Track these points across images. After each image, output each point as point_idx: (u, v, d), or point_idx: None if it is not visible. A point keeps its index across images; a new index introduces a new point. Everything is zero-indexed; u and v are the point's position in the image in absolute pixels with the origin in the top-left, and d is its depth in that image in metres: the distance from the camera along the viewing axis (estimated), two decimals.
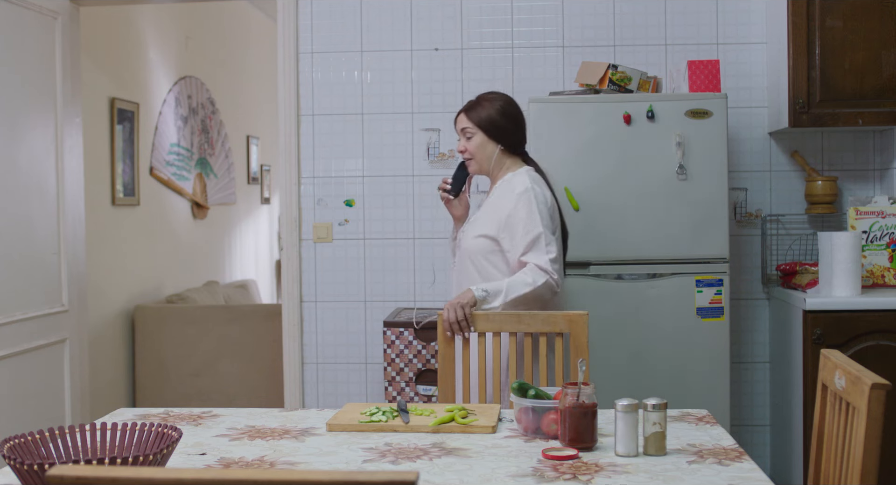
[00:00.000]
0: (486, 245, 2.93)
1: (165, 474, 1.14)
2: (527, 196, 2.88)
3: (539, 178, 2.99)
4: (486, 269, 2.94)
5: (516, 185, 2.92)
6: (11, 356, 3.69)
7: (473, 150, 2.99)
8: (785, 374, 3.87)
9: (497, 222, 2.91)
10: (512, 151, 3.02)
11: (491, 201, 2.99)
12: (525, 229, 2.85)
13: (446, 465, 1.96)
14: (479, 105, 3.00)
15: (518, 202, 2.87)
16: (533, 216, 2.85)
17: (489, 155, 2.99)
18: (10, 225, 3.70)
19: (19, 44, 3.80)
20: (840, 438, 1.92)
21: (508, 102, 3.01)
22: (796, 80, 3.76)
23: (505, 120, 2.98)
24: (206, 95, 6.73)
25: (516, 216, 2.87)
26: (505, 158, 3.01)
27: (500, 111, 2.97)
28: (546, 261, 2.83)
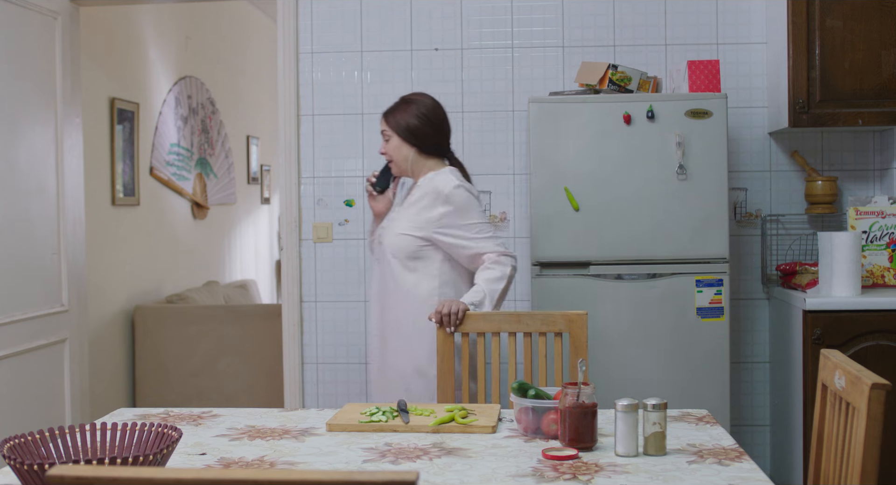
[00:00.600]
0: (410, 243, 2.98)
1: (165, 474, 1.14)
2: (458, 192, 2.95)
3: (461, 177, 3.04)
4: (409, 265, 2.99)
5: (440, 184, 2.97)
6: (11, 356, 3.69)
7: (391, 152, 3.06)
8: (785, 374, 3.87)
9: (424, 222, 2.97)
10: (431, 153, 3.05)
11: (412, 201, 3.03)
12: (469, 223, 2.95)
13: (446, 465, 1.96)
14: (397, 109, 3.06)
15: (451, 199, 2.94)
16: (472, 209, 2.95)
17: (405, 157, 3.05)
18: (10, 225, 3.70)
19: (19, 44, 3.80)
20: (840, 438, 1.92)
21: (427, 106, 3.05)
22: (796, 80, 3.76)
23: (422, 124, 3.02)
24: (206, 95, 6.73)
25: (456, 213, 2.94)
26: (425, 160, 3.06)
27: (417, 115, 3.02)
28: (500, 245, 2.96)
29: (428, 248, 2.97)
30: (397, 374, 3.01)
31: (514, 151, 4.17)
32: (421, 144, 3.03)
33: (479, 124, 4.18)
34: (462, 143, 4.18)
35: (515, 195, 4.17)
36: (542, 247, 3.67)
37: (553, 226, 3.65)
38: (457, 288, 3.00)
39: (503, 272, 2.92)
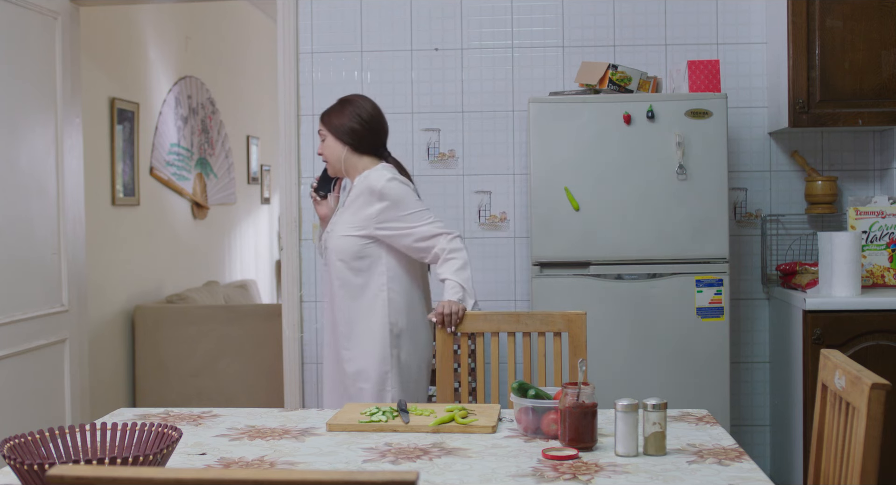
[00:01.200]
0: (352, 243, 3.00)
1: (165, 474, 1.14)
2: (392, 185, 2.97)
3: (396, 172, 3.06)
4: (355, 266, 3.00)
5: (373, 181, 2.99)
6: (11, 356, 3.69)
7: (325, 151, 3.11)
8: (785, 374, 3.87)
9: (363, 220, 2.99)
10: (365, 152, 3.08)
11: (350, 201, 3.06)
12: (407, 214, 2.97)
13: (446, 465, 1.96)
14: (333, 110, 3.11)
15: (385, 194, 2.96)
16: (408, 199, 2.97)
17: (338, 156, 3.08)
18: (10, 225, 3.70)
19: (19, 44, 3.80)
20: (840, 438, 1.92)
21: (363, 107, 3.10)
22: (796, 80, 3.76)
23: (356, 124, 3.06)
24: (206, 95, 6.73)
25: (393, 206, 2.96)
26: (358, 159, 3.08)
27: (351, 116, 3.07)
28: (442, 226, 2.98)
29: (371, 246, 2.99)
30: (350, 376, 3.01)
31: (514, 151, 4.17)
32: (355, 143, 3.07)
33: (479, 124, 4.18)
34: (462, 143, 4.19)
35: (515, 195, 4.17)
36: (542, 247, 3.67)
37: (553, 226, 3.65)
38: (406, 282, 3.03)
39: (464, 259, 2.94)
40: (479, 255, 4.18)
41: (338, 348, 3.05)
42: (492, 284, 4.18)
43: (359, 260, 2.99)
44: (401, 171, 3.09)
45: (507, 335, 2.85)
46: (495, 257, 4.18)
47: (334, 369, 3.08)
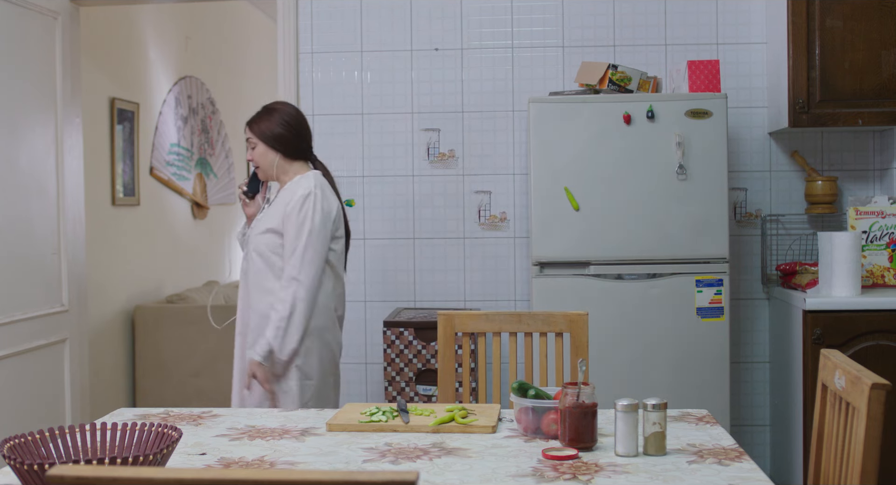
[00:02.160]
0: (271, 240, 3.06)
1: (165, 474, 1.14)
2: (308, 201, 3.02)
3: (325, 182, 3.13)
4: (272, 261, 3.05)
5: (300, 187, 3.06)
6: (11, 356, 3.69)
7: (256, 158, 3.16)
8: (785, 374, 3.87)
9: (281, 219, 3.06)
10: (295, 157, 3.16)
11: (277, 201, 3.12)
12: (295, 235, 3.00)
13: (446, 465, 1.96)
14: (261, 117, 3.16)
15: (297, 205, 3.01)
16: (305, 223, 3.00)
17: (270, 162, 3.14)
18: (10, 225, 3.70)
19: (19, 44, 3.80)
20: (840, 438, 1.92)
21: (289, 113, 3.16)
22: (796, 80, 3.76)
23: (285, 130, 3.13)
24: (206, 95, 6.73)
25: (290, 220, 3.01)
26: (289, 164, 3.15)
27: (279, 122, 3.13)
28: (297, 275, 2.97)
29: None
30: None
31: (514, 151, 4.17)
32: (285, 149, 3.13)
33: (479, 124, 4.18)
34: (462, 143, 4.19)
35: (515, 195, 4.17)
36: (542, 247, 3.67)
37: (553, 226, 3.65)
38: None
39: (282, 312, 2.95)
40: (479, 255, 4.19)
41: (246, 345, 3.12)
42: (492, 284, 4.18)
43: (274, 255, 3.04)
44: (327, 175, 3.19)
45: (509, 335, 2.85)
46: (495, 257, 4.18)
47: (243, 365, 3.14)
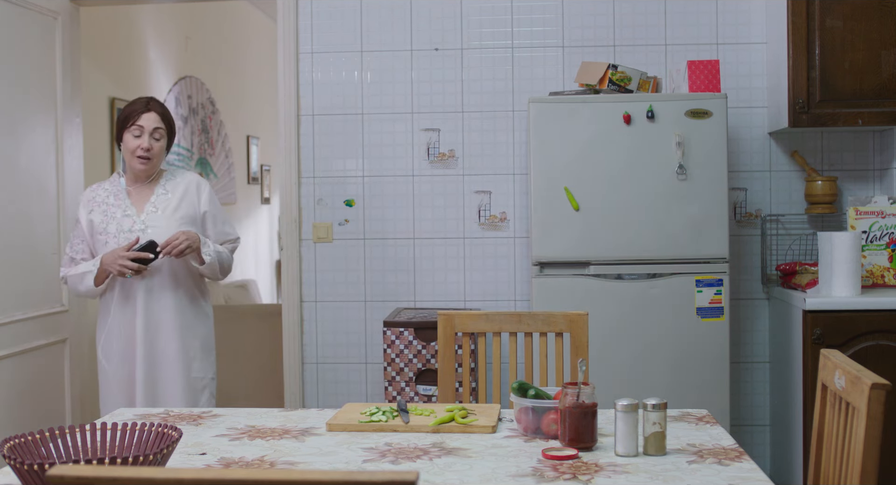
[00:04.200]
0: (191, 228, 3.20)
1: (165, 474, 1.14)
2: (209, 188, 3.29)
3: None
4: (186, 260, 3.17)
5: (189, 180, 3.22)
6: (11, 356, 3.69)
7: (157, 151, 3.16)
8: (785, 374, 3.87)
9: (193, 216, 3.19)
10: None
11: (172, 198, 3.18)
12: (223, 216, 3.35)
13: (446, 465, 1.96)
14: (163, 107, 3.20)
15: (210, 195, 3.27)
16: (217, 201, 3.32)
17: (161, 157, 3.22)
18: (10, 225, 3.70)
19: (19, 44, 3.80)
20: (840, 438, 1.92)
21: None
22: (796, 80, 3.76)
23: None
24: (206, 95, 6.73)
25: (215, 206, 3.28)
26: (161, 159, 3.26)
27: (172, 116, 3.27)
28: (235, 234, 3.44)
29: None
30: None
31: (514, 150, 4.17)
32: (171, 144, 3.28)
33: (479, 124, 4.18)
34: (462, 143, 4.19)
35: (515, 195, 4.17)
36: (542, 247, 3.67)
37: (553, 226, 3.65)
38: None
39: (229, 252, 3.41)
40: (480, 255, 4.19)
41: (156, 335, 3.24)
42: (492, 284, 4.18)
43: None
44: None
45: (509, 335, 2.85)
46: (495, 257, 4.18)
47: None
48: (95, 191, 3.23)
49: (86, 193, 3.23)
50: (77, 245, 3.19)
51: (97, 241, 3.15)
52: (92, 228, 3.15)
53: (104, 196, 3.19)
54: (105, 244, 3.11)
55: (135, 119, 3.12)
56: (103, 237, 3.12)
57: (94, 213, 3.16)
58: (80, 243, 3.18)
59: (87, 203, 3.19)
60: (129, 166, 3.19)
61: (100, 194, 3.20)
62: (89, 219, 3.15)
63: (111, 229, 3.12)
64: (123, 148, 3.16)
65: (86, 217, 3.16)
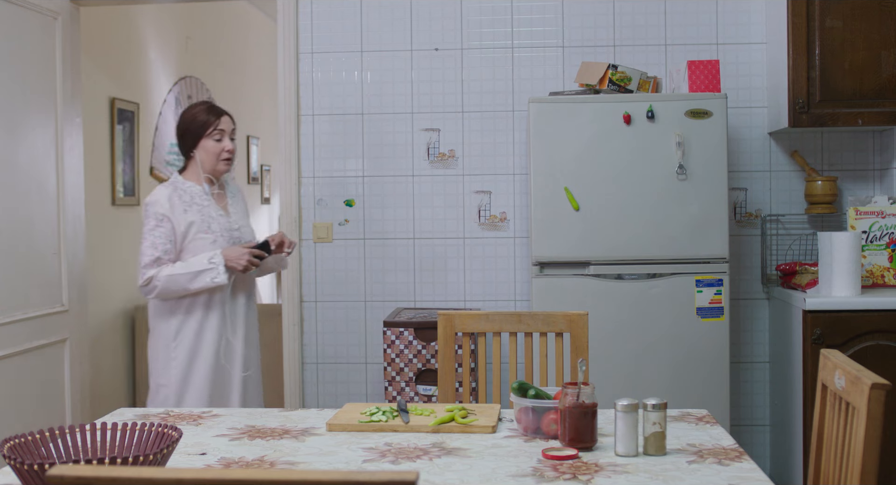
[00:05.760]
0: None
1: (165, 474, 1.14)
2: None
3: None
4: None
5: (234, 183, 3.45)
6: (11, 356, 3.69)
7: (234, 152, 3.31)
8: (785, 374, 3.87)
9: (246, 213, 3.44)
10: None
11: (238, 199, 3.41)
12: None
13: (446, 465, 1.96)
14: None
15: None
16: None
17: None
18: (10, 225, 3.70)
19: (19, 44, 3.80)
20: (840, 438, 1.92)
21: None
22: (796, 80, 3.76)
23: None
24: (206, 95, 6.73)
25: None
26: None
27: None
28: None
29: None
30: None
31: (514, 150, 4.17)
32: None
33: (479, 124, 4.18)
34: (462, 143, 4.19)
35: (515, 195, 4.17)
36: (542, 247, 3.67)
37: (553, 226, 3.65)
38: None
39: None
40: (480, 255, 4.19)
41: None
42: (492, 284, 4.18)
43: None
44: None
45: (509, 335, 2.85)
46: (495, 257, 4.18)
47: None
48: (177, 192, 3.18)
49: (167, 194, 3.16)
50: (164, 245, 3.11)
51: (198, 239, 3.14)
52: (189, 227, 3.14)
53: (189, 197, 3.18)
54: (213, 242, 3.15)
55: (215, 124, 3.20)
56: (209, 235, 3.15)
57: (190, 213, 3.15)
58: (168, 243, 3.12)
59: (179, 203, 3.15)
60: (206, 169, 3.22)
61: (185, 196, 3.18)
62: (188, 219, 3.14)
63: (215, 228, 3.17)
64: (203, 153, 3.21)
65: (182, 217, 3.13)
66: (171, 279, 3.08)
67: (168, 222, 3.12)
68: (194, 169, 3.23)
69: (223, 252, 3.12)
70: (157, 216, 3.11)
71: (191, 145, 3.21)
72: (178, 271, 3.08)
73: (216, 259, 3.09)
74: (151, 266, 3.10)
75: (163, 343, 3.19)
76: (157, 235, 3.11)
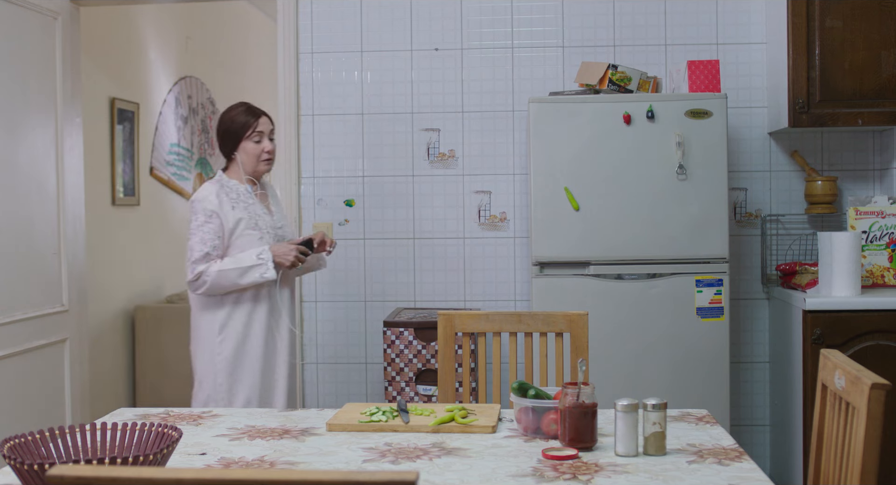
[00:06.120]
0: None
1: (165, 474, 1.14)
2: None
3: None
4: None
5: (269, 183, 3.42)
6: (11, 356, 3.69)
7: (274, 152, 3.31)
8: (785, 374, 3.87)
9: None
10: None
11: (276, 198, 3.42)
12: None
13: (446, 465, 1.96)
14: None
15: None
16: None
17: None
18: (10, 225, 3.70)
19: (19, 44, 3.80)
20: (840, 438, 1.92)
21: None
22: (796, 80, 3.76)
23: None
24: (206, 95, 6.73)
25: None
26: None
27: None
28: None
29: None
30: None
31: (514, 150, 4.17)
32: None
33: (479, 124, 4.18)
34: (462, 143, 4.19)
35: (515, 195, 4.17)
36: (542, 247, 3.67)
37: (553, 226, 3.65)
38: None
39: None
40: (480, 255, 4.19)
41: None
42: (492, 284, 4.18)
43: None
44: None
45: (509, 335, 2.85)
46: (495, 257, 4.18)
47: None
48: (224, 189, 3.21)
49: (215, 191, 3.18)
50: (212, 240, 3.13)
51: (245, 235, 3.17)
52: (238, 223, 3.16)
53: (236, 195, 3.21)
54: (260, 239, 3.18)
55: (254, 126, 3.25)
56: (256, 232, 3.18)
57: (238, 210, 3.18)
58: (216, 239, 3.13)
59: (227, 200, 3.18)
60: (248, 170, 3.23)
61: (231, 193, 3.21)
62: (236, 216, 3.16)
63: (262, 225, 3.21)
64: (243, 155, 3.24)
65: (231, 214, 3.16)
66: (221, 275, 3.10)
67: (217, 218, 3.14)
68: (236, 169, 3.25)
69: (271, 248, 3.15)
70: (206, 212, 3.12)
71: (231, 147, 3.25)
72: (228, 267, 3.10)
73: (265, 255, 3.12)
74: (201, 262, 3.11)
75: (207, 338, 3.20)
76: (206, 230, 3.13)
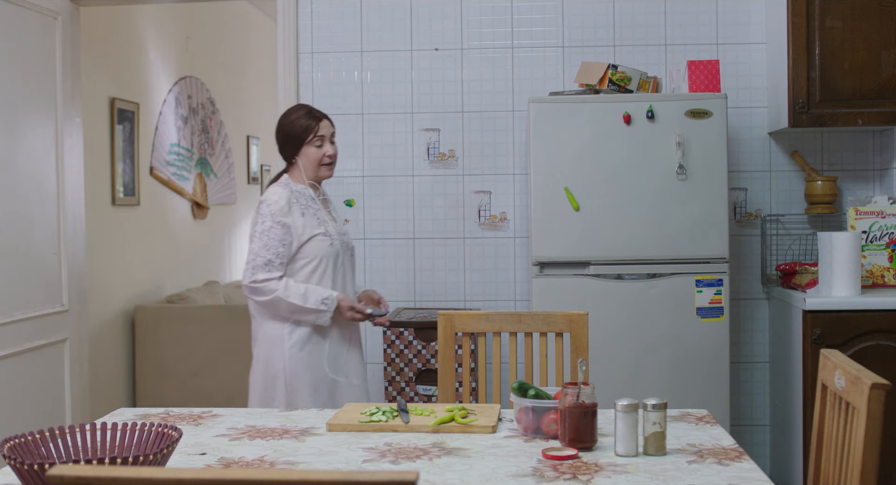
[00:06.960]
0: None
1: (165, 474, 1.14)
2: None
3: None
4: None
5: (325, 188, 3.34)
6: (11, 356, 3.69)
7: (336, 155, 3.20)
8: (785, 374, 3.87)
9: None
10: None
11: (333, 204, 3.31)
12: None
13: (446, 465, 1.96)
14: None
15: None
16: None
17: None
18: (10, 225, 3.70)
19: (19, 44, 3.80)
20: (840, 438, 1.92)
21: None
22: (796, 80, 3.76)
23: None
24: (206, 95, 6.73)
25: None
26: None
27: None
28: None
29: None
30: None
31: (514, 150, 4.17)
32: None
33: (479, 124, 4.18)
34: (462, 143, 4.19)
35: (515, 195, 4.17)
36: (542, 247, 3.67)
37: (553, 226, 3.65)
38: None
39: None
40: (480, 255, 4.19)
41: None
42: (492, 284, 4.18)
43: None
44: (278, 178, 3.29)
45: (509, 335, 2.85)
46: (495, 257, 4.18)
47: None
48: (294, 195, 3.13)
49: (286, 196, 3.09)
50: (276, 247, 3.04)
51: (316, 240, 3.10)
52: (307, 229, 3.09)
53: (305, 200, 3.13)
54: (330, 245, 3.12)
55: (315, 130, 3.11)
56: (327, 239, 3.12)
57: (308, 216, 3.11)
58: (281, 246, 3.04)
59: (297, 206, 3.10)
60: (309, 175, 3.15)
61: (301, 198, 3.13)
62: (305, 222, 3.09)
63: (330, 231, 3.14)
64: (305, 159, 3.13)
65: (301, 220, 3.08)
66: (281, 302, 3.03)
67: (285, 225, 3.05)
68: (298, 173, 3.15)
69: (339, 299, 3.07)
70: (275, 217, 3.03)
71: (292, 152, 3.14)
72: (292, 300, 3.02)
73: (330, 303, 3.05)
74: (261, 269, 3.03)
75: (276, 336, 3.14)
76: (272, 236, 3.03)
